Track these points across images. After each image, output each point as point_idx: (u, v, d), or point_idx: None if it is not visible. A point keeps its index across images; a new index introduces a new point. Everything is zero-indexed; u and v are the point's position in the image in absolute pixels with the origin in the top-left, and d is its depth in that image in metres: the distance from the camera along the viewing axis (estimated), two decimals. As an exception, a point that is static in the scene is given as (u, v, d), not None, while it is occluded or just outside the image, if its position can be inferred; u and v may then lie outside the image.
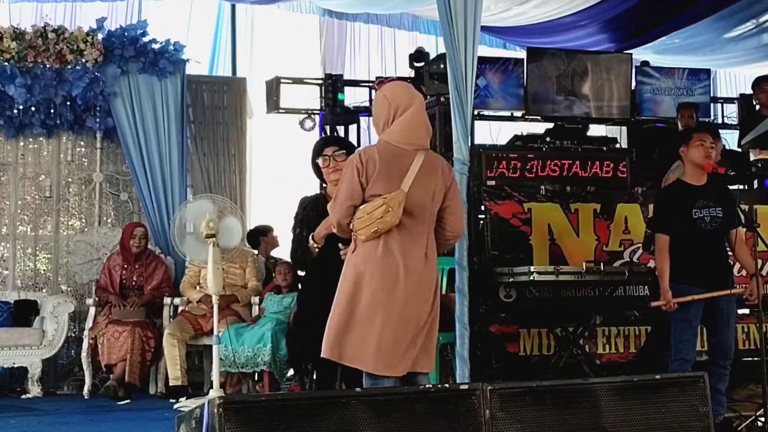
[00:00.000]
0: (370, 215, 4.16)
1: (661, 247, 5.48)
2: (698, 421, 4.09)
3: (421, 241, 4.26)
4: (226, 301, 7.24)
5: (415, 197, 4.21)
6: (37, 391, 7.40)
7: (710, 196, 5.48)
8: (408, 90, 4.42)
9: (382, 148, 4.28)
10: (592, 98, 8.65)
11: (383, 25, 11.10)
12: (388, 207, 4.13)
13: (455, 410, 3.72)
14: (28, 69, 7.92)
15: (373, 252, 4.20)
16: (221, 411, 3.33)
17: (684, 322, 5.47)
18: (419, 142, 4.29)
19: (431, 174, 4.27)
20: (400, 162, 4.23)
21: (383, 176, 4.20)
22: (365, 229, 4.18)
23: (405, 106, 4.27)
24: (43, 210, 8.43)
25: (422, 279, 4.23)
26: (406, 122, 4.26)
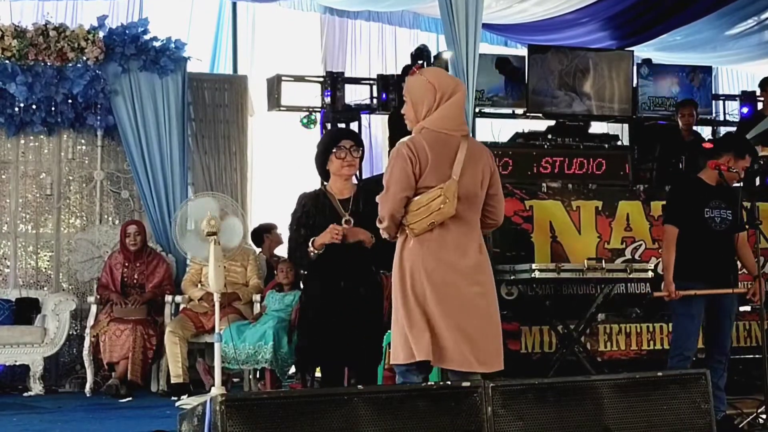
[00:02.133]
0: (427, 207, 3.98)
1: (669, 238, 5.53)
2: (700, 418, 4.08)
3: (475, 231, 4.12)
4: (227, 299, 7.24)
5: (466, 185, 4.06)
6: (39, 388, 7.40)
7: (722, 198, 5.52)
8: (451, 76, 4.36)
9: (428, 137, 4.11)
10: (594, 96, 8.65)
11: (384, 22, 11.10)
12: (446, 197, 3.96)
13: (457, 408, 3.71)
14: (29, 67, 7.91)
15: (427, 245, 4.03)
16: (223, 408, 3.33)
17: (686, 317, 5.49)
18: (465, 127, 4.18)
19: (477, 161, 4.12)
20: (447, 150, 4.07)
21: (434, 165, 4.04)
22: (420, 222, 4.00)
23: (451, 91, 4.13)
24: (44, 208, 8.43)
25: (481, 270, 4.08)
26: (452, 107, 4.12)
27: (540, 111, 8.58)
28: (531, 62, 8.48)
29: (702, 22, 9.72)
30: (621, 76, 8.75)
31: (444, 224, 4.03)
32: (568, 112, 8.51)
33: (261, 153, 9.82)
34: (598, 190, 6.82)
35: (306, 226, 4.88)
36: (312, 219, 4.88)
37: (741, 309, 7.05)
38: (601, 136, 8.15)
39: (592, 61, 8.67)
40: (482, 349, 4.02)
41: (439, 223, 4.01)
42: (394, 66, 10.74)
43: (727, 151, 5.60)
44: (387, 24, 11.14)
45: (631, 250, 6.79)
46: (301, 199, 5.00)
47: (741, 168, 5.57)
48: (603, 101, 8.72)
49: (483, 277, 4.09)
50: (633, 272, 6.21)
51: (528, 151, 6.85)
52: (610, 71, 8.70)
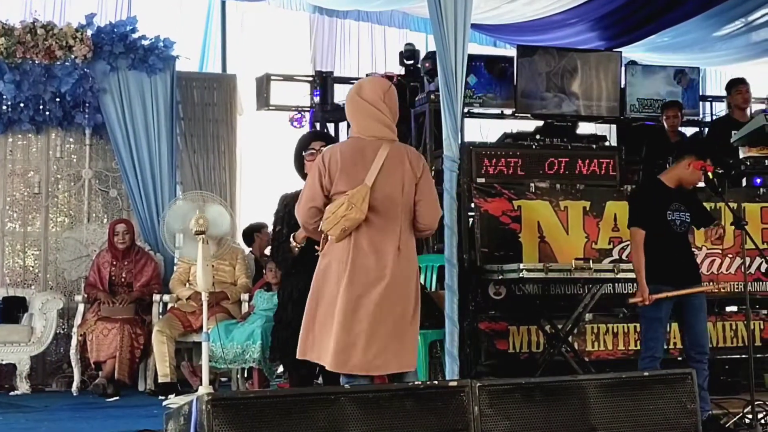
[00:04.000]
0: (334, 214, 4.09)
1: (638, 241, 5.57)
2: (686, 417, 4.11)
3: (392, 236, 4.17)
4: (215, 298, 7.23)
5: (382, 191, 4.14)
6: (26, 387, 7.38)
7: (681, 200, 5.63)
8: (378, 82, 4.42)
9: (348, 144, 4.27)
10: (582, 96, 8.67)
11: (373, 22, 11.10)
12: (351, 203, 4.06)
13: (444, 407, 3.72)
14: (16, 65, 7.89)
15: (344, 250, 4.14)
16: (210, 408, 3.34)
17: (655, 321, 5.56)
18: (386, 132, 4.22)
19: (398, 166, 4.19)
20: (364, 156, 4.17)
21: (347, 173, 4.14)
22: (334, 228, 4.11)
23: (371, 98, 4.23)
24: (32, 206, 8.40)
25: (396, 275, 4.14)
26: (371, 113, 4.22)
27: (528, 111, 8.59)
28: (519, 63, 8.49)
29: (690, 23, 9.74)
30: (609, 77, 8.77)
31: (359, 229, 4.12)
32: (557, 113, 8.52)
33: (250, 152, 9.81)
34: (586, 190, 6.83)
35: (289, 225, 4.93)
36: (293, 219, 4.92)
37: (727, 309, 7.10)
38: (589, 136, 8.17)
39: (580, 62, 8.69)
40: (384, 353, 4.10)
41: (352, 229, 4.10)
42: (383, 66, 10.74)
43: (688, 153, 5.67)
44: (376, 24, 11.14)
45: (619, 250, 6.80)
46: (283, 199, 5.10)
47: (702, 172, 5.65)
48: (591, 102, 8.74)
49: (398, 281, 4.14)
50: (620, 272, 6.22)
51: (516, 152, 6.86)
52: (598, 72, 8.72)
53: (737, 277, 6.87)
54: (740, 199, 6.95)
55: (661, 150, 8.15)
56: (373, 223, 4.13)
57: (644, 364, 5.51)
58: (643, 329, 5.71)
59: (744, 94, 8.30)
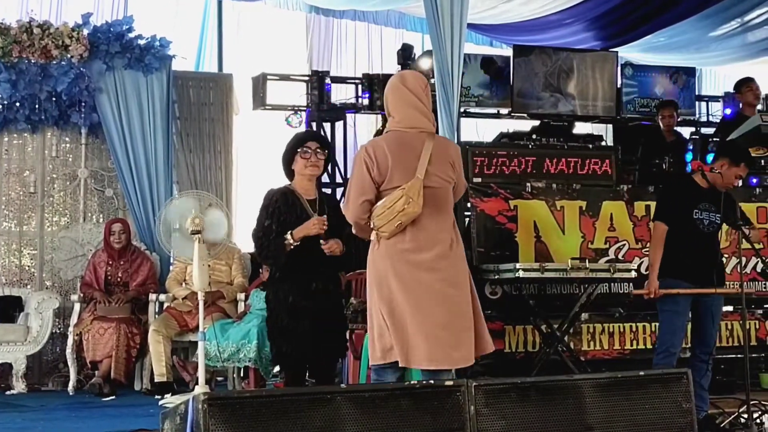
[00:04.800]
0: (391, 209, 4.01)
1: (658, 236, 5.58)
2: (681, 417, 4.11)
3: (447, 228, 4.13)
4: (211, 298, 7.22)
5: (433, 182, 4.10)
6: (22, 387, 7.37)
7: (712, 201, 5.58)
8: (416, 77, 4.36)
9: (390, 138, 4.19)
10: (578, 96, 8.69)
11: (370, 22, 11.12)
12: (409, 197, 3.99)
13: (440, 406, 3.72)
14: (12, 64, 7.88)
15: (399, 246, 4.07)
16: (206, 407, 3.33)
17: (672, 314, 5.54)
18: (429, 125, 4.20)
19: (444, 157, 4.17)
20: (410, 149, 4.11)
21: (399, 166, 4.08)
22: (388, 224, 4.03)
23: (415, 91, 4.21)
24: (28, 206, 8.39)
25: (454, 267, 4.11)
26: (414, 107, 4.18)
27: (525, 111, 8.61)
28: (516, 63, 8.50)
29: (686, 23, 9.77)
30: (605, 77, 8.79)
31: (414, 223, 4.06)
32: (553, 113, 8.53)
33: (246, 151, 9.81)
34: (582, 190, 6.84)
35: (278, 222, 4.89)
36: (282, 215, 4.91)
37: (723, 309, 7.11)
38: (585, 136, 8.18)
39: (576, 62, 8.71)
40: (452, 347, 4.08)
41: (407, 223, 4.04)
42: (379, 65, 10.76)
43: (723, 156, 5.66)
44: (373, 23, 11.16)
45: (615, 250, 6.82)
46: (269, 194, 5.04)
47: (734, 175, 5.63)
48: (587, 102, 8.75)
49: (454, 272, 4.12)
50: (616, 272, 6.23)
51: (512, 151, 6.86)
52: (594, 72, 8.74)
53: (733, 277, 6.87)
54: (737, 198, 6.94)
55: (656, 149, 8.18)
56: (427, 215, 4.07)
57: (659, 359, 5.51)
58: (660, 323, 5.72)
59: (755, 91, 8.36)
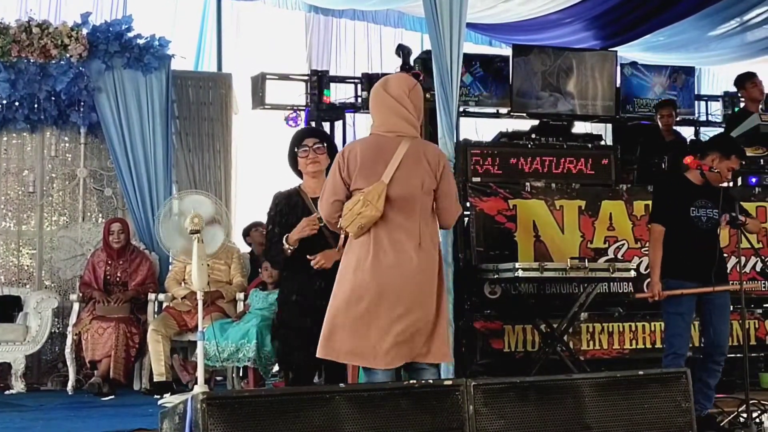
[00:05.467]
0: (351, 211, 4.11)
1: (656, 237, 5.55)
2: (680, 416, 4.11)
3: (412, 232, 4.16)
4: (210, 297, 7.22)
5: (401, 187, 4.14)
6: (21, 386, 7.37)
7: (709, 197, 5.54)
8: (402, 79, 4.40)
9: (367, 141, 4.28)
10: (577, 95, 8.68)
11: (369, 21, 11.11)
12: (366, 200, 4.07)
13: (439, 406, 3.72)
14: (12, 64, 7.87)
15: (364, 248, 4.15)
16: (204, 406, 3.33)
17: (676, 316, 5.51)
18: (407, 129, 4.23)
19: (417, 162, 4.19)
20: (383, 152, 4.18)
21: (366, 169, 4.15)
22: (351, 225, 4.13)
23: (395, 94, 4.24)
24: (27, 205, 8.39)
25: (416, 272, 4.13)
26: (392, 110, 4.23)
27: (524, 111, 8.60)
28: (515, 62, 8.50)
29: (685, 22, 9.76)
30: (604, 76, 8.78)
31: (378, 226, 4.13)
32: (552, 112, 8.53)
33: (245, 151, 9.81)
34: (582, 189, 6.84)
35: (280, 225, 4.92)
36: (285, 217, 4.94)
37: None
38: (585, 136, 8.18)
39: (575, 61, 8.70)
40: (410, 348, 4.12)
41: (369, 225, 4.12)
42: (379, 65, 10.75)
43: (713, 150, 5.64)
44: (372, 23, 11.15)
45: (614, 249, 6.82)
46: (275, 198, 5.11)
47: (726, 168, 5.60)
48: (586, 101, 8.75)
49: (421, 276, 4.15)
50: (616, 272, 6.24)
51: (512, 151, 6.87)
52: (593, 71, 8.73)
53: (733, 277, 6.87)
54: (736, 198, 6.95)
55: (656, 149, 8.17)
56: (392, 219, 4.13)
57: (667, 361, 5.48)
58: (665, 325, 5.70)
59: (759, 86, 8.34)
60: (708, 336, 5.64)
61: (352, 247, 4.21)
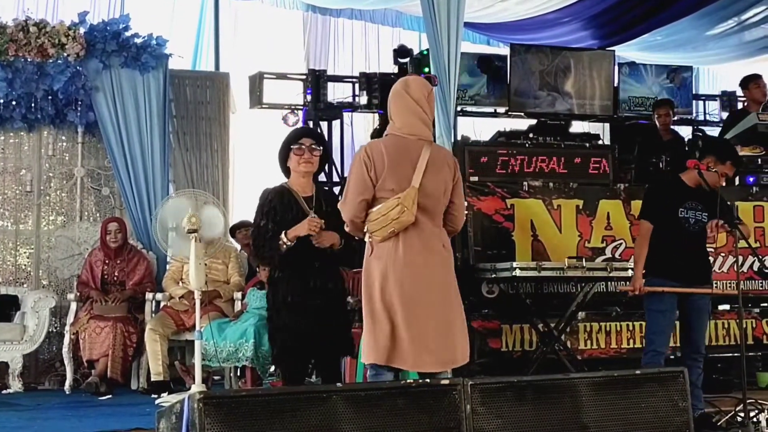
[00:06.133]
0: (386, 216, 4.11)
1: (643, 234, 5.60)
2: (677, 416, 4.12)
3: (437, 235, 4.23)
4: (208, 297, 7.22)
5: (428, 192, 4.17)
6: (18, 386, 7.36)
7: (699, 200, 5.57)
8: (421, 83, 4.40)
9: (389, 141, 4.25)
10: (575, 95, 8.69)
11: (367, 20, 11.12)
12: (404, 207, 4.08)
13: (436, 405, 3.73)
14: (9, 63, 7.86)
15: (393, 251, 4.15)
16: (201, 406, 3.33)
17: (657, 313, 5.56)
18: (427, 133, 4.26)
19: (440, 168, 4.23)
20: (407, 155, 4.18)
21: (394, 170, 4.15)
22: (382, 230, 4.13)
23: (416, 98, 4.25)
24: (24, 205, 8.38)
25: (444, 274, 4.21)
26: (414, 113, 4.24)
27: (521, 110, 8.61)
28: (513, 62, 8.50)
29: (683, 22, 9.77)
30: (602, 76, 8.79)
31: (406, 230, 4.14)
32: (550, 112, 8.54)
33: (242, 150, 9.80)
34: (579, 189, 6.85)
35: (275, 221, 4.89)
36: (278, 215, 4.90)
37: (720, 308, 7.12)
38: (582, 135, 8.17)
39: (573, 61, 8.71)
40: (443, 349, 4.17)
41: (401, 230, 4.13)
42: (376, 64, 10.75)
43: (710, 153, 5.66)
44: (369, 22, 11.16)
45: (612, 248, 6.82)
46: (265, 193, 5.05)
47: (722, 174, 5.62)
48: (584, 100, 8.75)
49: (444, 279, 4.22)
50: (613, 271, 6.24)
51: (509, 150, 6.86)
52: (591, 71, 8.74)
53: (730, 276, 6.89)
54: (733, 197, 6.96)
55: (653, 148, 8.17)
56: (420, 222, 4.16)
57: (647, 358, 5.52)
58: (647, 323, 5.73)
59: (762, 89, 8.35)
60: (685, 335, 5.67)
61: (378, 252, 4.19)
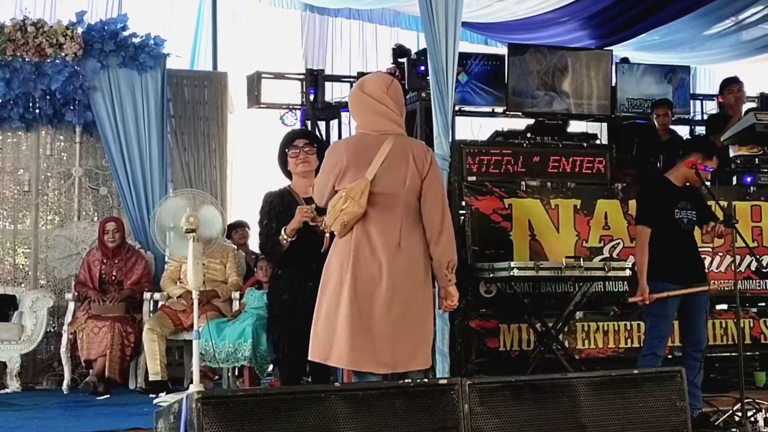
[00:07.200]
0: (334, 208, 4.09)
1: (644, 240, 5.59)
2: (675, 415, 4.13)
3: (393, 230, 4.11)
4: (206, 297, 7.22)
5: (383, 185, 4.10)
6: (16, 386, 7.36)
7: (688, 198, 5.62)
8: (380, 77, 4.40)
9: (352, 139, 4.30)
10: (573, 95, 8.69)
11: (364, 20, 11.12)
12: (348, 197, 4.04)
13: (434, 405, 3.73)
14: (6, 62, 7.87)
15: (346, 246, 4.12)
16: (199, 406, 3.33)
17: (661, 318, 5.56)
18: (391, 126, 4.20)
19: (401, 160, 4.14)
20: (368, 150, 4.15)
21: (352, 168, 4.14)
22: (335, 223, 4.11)
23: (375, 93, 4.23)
24: (22, 204, 8.38)
25: (396, 272, 4.08)
26: (374, 108, 4.22)
27: (519, 110, 8.61)
28: (510, 61, 8.50)
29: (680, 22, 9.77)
30: (600, 76, 8.79)
31: (360, 224, 4.10)
32: (548, 111, 8.54)
33: (240, 150, 9.80)
34: (577, 188, 6.85)
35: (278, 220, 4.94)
36: (280, 217, 4.94)
37: (717, 307, 7.12)
38: (580, 135, 8.19)
39: (571, 61, 8.71)
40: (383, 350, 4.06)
41: (353, 223, 4.09)
42: (374, 64, 10.75)
43: (695, 151, 5.68)
44: (367, 22, 11.16)
45: (609, 248, 6.82)
46: (267, 196, 5.12)
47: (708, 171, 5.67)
48: (582, 100, 8.76)
49: (402, 275, 4.09)
50: (611, 270, 6.25)
51: (507, 150, 6.86)
52: (588, 70, 8.75)
53: (727, 276, 6.89)
54: (731, 197, 6.98)
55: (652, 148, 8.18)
56: (373, 217, 4.10)
57: (645, 361, 5.52)
58: (648, 326, 5.73)
59: (735, 94, 8.31)
60: (686, 333, 5.68)
61: (336, 248, 4.19)
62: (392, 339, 4.08)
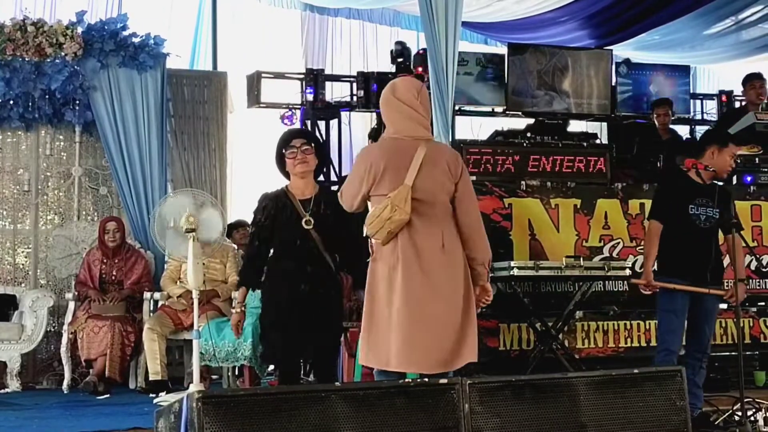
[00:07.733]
0: (379, 217, 4.09)
1: (652, 232, 5.58)
2: (675, 415, 4.13)
3: (436, 234, 4.16)
4: (206, 296, 7.22)
5: (424, 190, 4.13)
6: (16, 385, 7.36)
7: (710, 196, 5.53)
8: (411, 82, 4.39)
9: (385, 145, 4.25)
10: (572, 94, 8.69)
11: (364, 20, 11.13)
12: (394, 205, 4.06)
13: (434, 404, 3.73)
14: (6, 62, 7.86)
15: (392, 253, 4.13)
16: (200, 405, 3.33)
17: (670, 313, 5.53)
18: (424, 132, 4.24)
19: (436, 165, 4.18)
20: (403, 156, 4.15)
21: (389, 173, 4.14)
22: (379, 232, 4.11)
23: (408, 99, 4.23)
24: (22, 204, 8.38)
25: (442, 274, 4.14)
26: (408, 114, 4.23)
27: (519, 109, 8.61)
28: (510, 61, 8.51)
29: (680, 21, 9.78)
30: (600, 75, 8.79)
31: (406, 230, 4.12)
32: (548, 111, 8.54)
33: (240, 150, 9.80)
34: (577, 188, 6.86)
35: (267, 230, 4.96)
36: (273, 219, 4.93)
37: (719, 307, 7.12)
38: (580, 134, 8.19)
39: (570, 60, 8.71)
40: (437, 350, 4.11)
41: (398, 230, 4.11)
42: (375, 63, 10.75)
43: (709, 144, 5.63)
44: (367, 21, 11.17)
45: (609, 248, 6.83)
46: (262, 199, 5.10)
47: (729, 156, 5.58)
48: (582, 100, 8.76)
49: (444, 279, 4.15)
50: (611, 270, 6.26)
51: (507, 149, 6.87)
52: (588, 70, 8.74)
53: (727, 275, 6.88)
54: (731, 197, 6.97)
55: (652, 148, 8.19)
56: (416, 223, 4.13)
57: (659, 358, 5.51)
58: (658, 322, 5.72)
59: (758, 89, 8.30)
60: (692, 334, 5.66)
61: (381, 255, 4.19)
62: (446, 339, 4.13)
